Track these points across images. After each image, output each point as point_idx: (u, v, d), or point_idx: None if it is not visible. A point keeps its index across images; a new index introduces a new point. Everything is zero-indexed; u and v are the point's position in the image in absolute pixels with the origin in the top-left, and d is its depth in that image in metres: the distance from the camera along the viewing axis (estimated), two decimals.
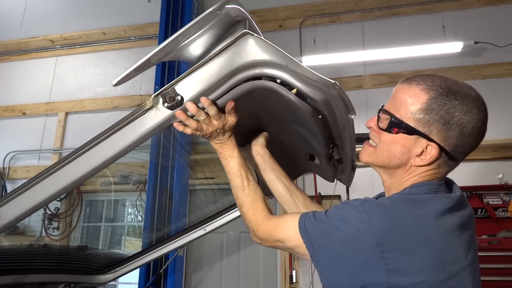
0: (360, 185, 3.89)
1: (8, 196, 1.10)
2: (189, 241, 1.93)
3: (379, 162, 1.02)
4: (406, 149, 0.95)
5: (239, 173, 1.13)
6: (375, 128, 1.02)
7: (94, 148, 1.05)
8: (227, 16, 1.04)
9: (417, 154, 0.94)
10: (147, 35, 5.02)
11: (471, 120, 0.91)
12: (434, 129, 0.92)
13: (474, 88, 0.98)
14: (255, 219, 1.08)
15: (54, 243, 4.47)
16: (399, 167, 0.99)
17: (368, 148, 1.04)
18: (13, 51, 5.46)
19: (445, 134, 0.92)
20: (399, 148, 0.96)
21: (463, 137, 0.92)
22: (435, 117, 0.91)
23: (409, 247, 0.84)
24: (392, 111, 0.97)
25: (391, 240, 0.84)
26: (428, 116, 0.92)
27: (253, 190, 1.12)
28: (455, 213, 0.91)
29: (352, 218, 0.88)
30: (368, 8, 4.47)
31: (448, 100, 0.91)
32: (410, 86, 0.96)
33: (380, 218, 0.86)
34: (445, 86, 0.94)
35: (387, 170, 1.03)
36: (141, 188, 4.41)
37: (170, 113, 1.03)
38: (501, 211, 3.48)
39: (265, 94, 1.06)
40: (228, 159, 1.14)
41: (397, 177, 1.00)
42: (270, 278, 4.14)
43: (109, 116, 4.91)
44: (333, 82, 0.98)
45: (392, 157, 0.98)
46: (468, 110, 0.91)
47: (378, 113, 1.02)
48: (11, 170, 4.93)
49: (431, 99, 0.92)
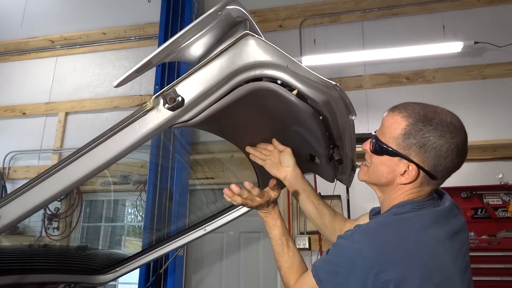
0: (360, 185, 3.89)
1: (9, 196, 1.10)
2: (189, 241, 1.93)
3: (372, 180, 1.17)
4: (391, 169, 1.09)
5: (280, 241, 1.26)
6: (368, 151, 1.15)
7: (95, 149, 1.05)
8: (228, 17, 1.04)
9: (401, 174, 1.07)
10: (147, 35, 5.02)
11: (444, 143, 1.03)
12: (413, 152, 1.05)
13: (453, 113, 1.09)
14: (288, 281, 1.22)
15: (54, 243, 4.48)
16: (388, 185, 1.13)
17: (363, 168, 1.19)
18: (13, 51, 5.46)
19: (422, 156, 1.04)
20: (385, 168, 1.10)
21: (439, 158, 1.04)
22: (413, 141, 1.04)
23: (398, 264, 0.96)
24: (379, 136, 1.11)
25: (381, 261, 0.96)
26: (407, 140, 1.05)
27: (291, 257, 1.24)
28: (439, 226, 1.03)
29: (346, 251, 1.01)
30: (368, 8, 4.48)
31: (423, 126, 1.04)
32: (393, 114, 1.10)
33: (369, 244, 0.98)
34: (422, 113, 1.07)
35: (379, 188, 1.17)
36: (141, 188, 4.41)
37: (171, 114, 1.03)
38: (501, 211, 3.48)
39: (265, 96, 1.06)
40: (271, 227, 1.28)
41: (388, 194, 1.15)
42: (270, 278, 4.14)
43: (109, 116, 4.91)
44: (334, 84, 0.98)
45: (381, 176, 1.12)
46: (442, 135, 1.03)
47: (370, 138, 1.15)
48: (11, 170, 4.93)
49: (409, 126, 1.05)
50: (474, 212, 3.53)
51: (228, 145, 1.84)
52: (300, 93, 1.03)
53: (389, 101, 4.26)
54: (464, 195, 3.53)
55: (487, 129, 3.86)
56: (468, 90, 4.03)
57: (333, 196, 3.72)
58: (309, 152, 1.47)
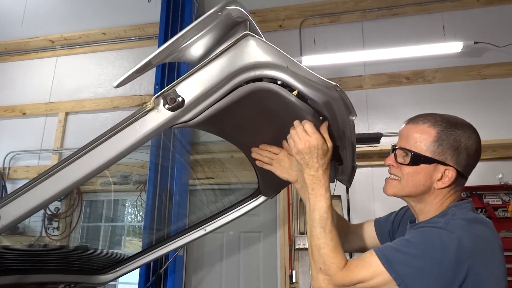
0: (360, 185, 3.90)
1: (9, 196, 1.10)
2: (189, 241, 1.92)
3: (406, 192, 1.17)
4: (428, 176, 1.13)
5: (326, 215, 1.11)
6: (395, 165, 1.18)
7: (95, 149, 1.05)
8: (228, 18, 1.03)
9: (437, 179, 1.12)
10: (147, 35, 5.02)
11: (473, 143, 1.12)
12: (448, 155, 1.11)
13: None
14: (337, 262, 1.06)
15: (54, 243, 4.48)
16: (425, 193, 1.15)
17: (392, 182, 1.19)
18: (13, 51, 5.46)
19: (456, 158, 1.11)
20: (423, 176, 1.13)
21: (469, 158, 1.12)
22: (446, 146, 1.11)
23: (486, 260, 1.01)
24: (409, 148, 1.14)
25: (476, 253, 0.99)
26: (441, 146, 1.11)
27: (336, 235, 1.11)
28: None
29: (441, 237, 1.00)
30: (368, 8, 4.48)
31: (452, 131, 1.11)
32: (417, 125, 1.15)
33: (467, 236, 1.00)
34: (446, 120, 1.14)
35: (414, 198, 1.18)
36: (141, 188, 4.41)
37: (171, 114, 1.03)
38: (501, 211, 3.48)
39: (266, 96, 1.06)
40: (318, 197, 1.12)
41: (426, 201, 1.16)
42: (270, 278, 4.14)
43: (109, 116, 4.91)
44: (334, 84, 0.98)
45: (418, 185, 1.14)
46: (470, 136, 1.12)
47: (392, 151, 1.19)
48: (11, 170, 4.93)
49: (439, 132, 1.11)
50: None
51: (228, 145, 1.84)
52: (300, 93, 1.03)
53: (389, 101, 4.29)
54: (464, 195, 3.53)
55: (486, 129, 3.84)
56: (468, 90, 4.03)
57: (333, 196, 3.72)
58: None
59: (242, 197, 1.82)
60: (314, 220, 1.11)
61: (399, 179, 1.16)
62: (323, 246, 1.08)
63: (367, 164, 3.95)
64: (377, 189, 3.81)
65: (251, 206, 1.80)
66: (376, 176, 3.94)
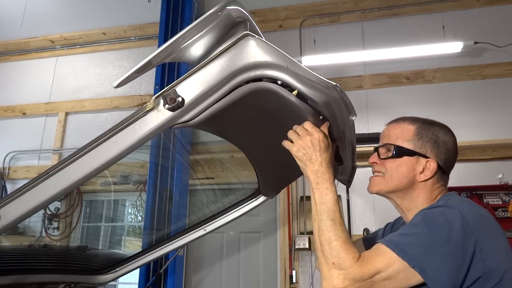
0: (360, 185, 3.89)
1: (9, 196, 1.10)
2: (189, 241, 1.93)
3: (390, 187, 1.19)
4: (411, 169, 1.16)
5: (334, 208, 1.07)
6: (378, 161, 1.22)
7: (95, 149, 1.05)
8: (228, 18, 1.04)
9: (420, 171, 1.16)
10: (147, 35, 5.01)
11: (450, 138, 1.20)
12: (428, 148, 1.17)
13: None
14: (352, 253, 1.00)
15: (54, 243, 4.47)
16: (409, 187, 1.18)
17: (376, 179, 1.23)
18: (13, 51, 5.46)
19: (436, 151, 1.17)
20: (405, 168, 1.17)
21: (448, 152, 1.18)
22: (426, 139, 1.17)
23: (490, 235, 1.02)
24: (392, 143, 1.20)
25: (480, 228, 1.00)
26: (421, 140, 1.18)
27: (346, 229, 1.08)
28: None
29: (442, 216, 1.01)
30: (368, 8, 4.47)
31: (430, 127, 1.20)
32: (397, 123, 1.23)
33: (469, 211, 1.02)
34: (423, 119, 1.23)
35: (399, 193, 1.20)
36: (141, 188, 4.40)
37: (171, 114, 1.03)
38: (501, 211, 3.48)
39: (266, 96, 1.06)
40: (325, 191, 1.09)
41: (411, 196, 1.19)
42: (270, 278, 4.14)
43: (109, 116, 4.91)
44: (334, 84, 0.98)
45: (402, 177, 1.17)
46: (446, 133, 1.20)
47: (375, 151, 1.24)
48: (11, 170, 4.93)
49: (418, 128, 1.19)
50: None
51: (228, 145, 1.84)
52: (300, 93, 1.03)
53: (389, 101, 4.29)
54: (464, 195, 3.53)
55: (486, 129, 3.86)
56: (468, 90, 4.03)
57: None
58: None
59: (242, 197, 1.82)
60: (322, 213, 1.07)
61: (383, 174, 1.20)
62: (335, 239, 1.02)
63: (367, 164, 3.94)
64: None
65: (251, 206, 1.81)
66: None
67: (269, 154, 1.52)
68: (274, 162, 1.58)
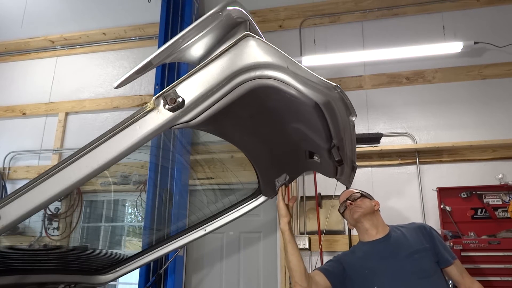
0: (360, 185, 3.89)
1: (9, 197, 1.10)
2: (189, 242, 1.93)
3: (366, 211, 2.14)
4: (372, 203, 2.19)
5: (297, 247, 1.88)
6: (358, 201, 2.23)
7: (95, 149, 1.05)
8: (228, 18, 1.04)
9: (374, 204, 2.19)
10: (147, 35, 5.02)
11: None
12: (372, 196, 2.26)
13: None
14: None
15: (54, 243, 4.47)
16: (374, 211, 2.17)
17: (357, 209, 2.16)
18: (13, 51, 5.46)
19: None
20: (369, 203, 2.18)
21: None
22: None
23: None
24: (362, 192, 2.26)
25: None
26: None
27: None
28: None
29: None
30: (368, 8, 4.48)
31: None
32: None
33: None
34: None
35: (370, 216, 2.14)
36: (141, 188, 4.40)
37: (171, 115, 1.03)
38: (501, 211, 3.48)
39: (265, 94, 1.06)
40: (291, 240, 1.86)
41: (377, 217, 2.17)
42: (270, 278, 4.14)
43: (109, 116, 4.91)
44: (334, 85, 0.98)
45: (371, 206, 2.17)
46: None
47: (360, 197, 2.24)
48: (11, 170, 4.93)
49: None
50: (474, 212, 3.53)
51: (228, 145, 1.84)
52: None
53: (389, 101, 4.29)
54: (464, 195, 3.53)
55: (486, 129, 3.86)
56: (468, 90, 4.03)
57: (333, 196, 3.73)
58: (308, 149, 1.48)
59: (242, 197, 1.82)
60: (292, 255, 1.91)
61: (363, 207, 2.16)
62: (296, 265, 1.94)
63: (367, 164, 3.95)
64: (377, 188, 3.81)
65: (251, 206, 1.81)
66: (376, 176, 3.95)
67: (269, 154, 1.52)
68: (274, 162, 1.58)
